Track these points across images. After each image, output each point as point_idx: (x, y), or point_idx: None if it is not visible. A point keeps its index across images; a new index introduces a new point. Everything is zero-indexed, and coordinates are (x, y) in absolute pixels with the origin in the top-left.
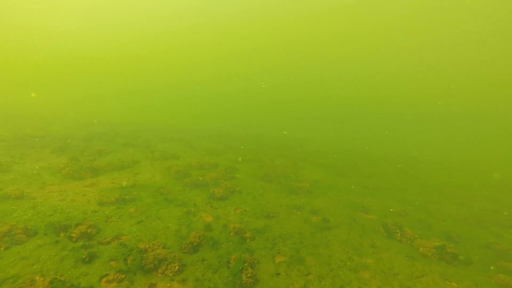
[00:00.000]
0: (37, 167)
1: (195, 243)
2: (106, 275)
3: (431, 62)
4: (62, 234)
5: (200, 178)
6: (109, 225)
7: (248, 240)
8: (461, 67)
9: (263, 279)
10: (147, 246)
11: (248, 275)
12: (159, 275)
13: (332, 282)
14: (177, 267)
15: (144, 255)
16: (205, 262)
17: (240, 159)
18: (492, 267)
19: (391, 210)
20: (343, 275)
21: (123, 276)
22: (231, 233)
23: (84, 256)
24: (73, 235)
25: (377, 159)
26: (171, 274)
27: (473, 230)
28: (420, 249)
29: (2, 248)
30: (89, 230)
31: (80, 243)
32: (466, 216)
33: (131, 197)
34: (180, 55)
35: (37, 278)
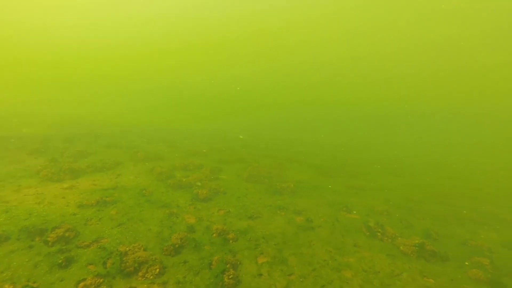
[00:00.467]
0: (12, 169)
1: (177, 245)
2: (84, 279)
3: (411, 66)
4: (37, 239)
5: (184, 179)
6: (89, 228)
7: (231, 241)
8: (447, 71)
9: (245, 280)
10: (127, 249)
11: (230, 277)
12: (139, 278)
13: (314, 281)
14: (158, 269)
15: (124, 258)
16: (187, 264)
17: (225, 160)
18: (467, 263)
19: (374, 209)
20: (325, 275)
21: (101, 280)
22: (214, 235)
23: (60, 261)
24: (49, 239)
25: (362, 160)
26: (151, 277)
27: (451, 227)
28: (401, 247)
29: None
30: (67, 234)
31: (57, 247)
32: (445, 214)
33: (113, 199)
34: (171, 57)
35: (6, 286)
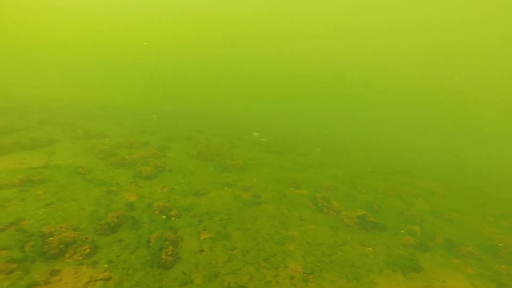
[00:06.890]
0: None
1: (112, 224)
2: None
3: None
4: None
5: (127, 157)
6: (5, 210)
7: (173, 218)
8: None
9: (185, 256)
10: (53, 229)
11: (168, 253)
12: (66, 260)
13: (256, 255)
14: (88, 249)
15: (48, 240)
16: (122, 242)
17: (174, 138)
18: (402, 231)
19: (322, 185)
20: (268, 248)
21: (15, 266)
22: (156, 212)
23: None
24: None
25: (311, 138)
26: (80, 257)
27: (391, 200)
28: (345, 219)
29: None
30: None
31: None
32: (386, 189)
33: (41, 178)
34: (125, 32)
35: None
